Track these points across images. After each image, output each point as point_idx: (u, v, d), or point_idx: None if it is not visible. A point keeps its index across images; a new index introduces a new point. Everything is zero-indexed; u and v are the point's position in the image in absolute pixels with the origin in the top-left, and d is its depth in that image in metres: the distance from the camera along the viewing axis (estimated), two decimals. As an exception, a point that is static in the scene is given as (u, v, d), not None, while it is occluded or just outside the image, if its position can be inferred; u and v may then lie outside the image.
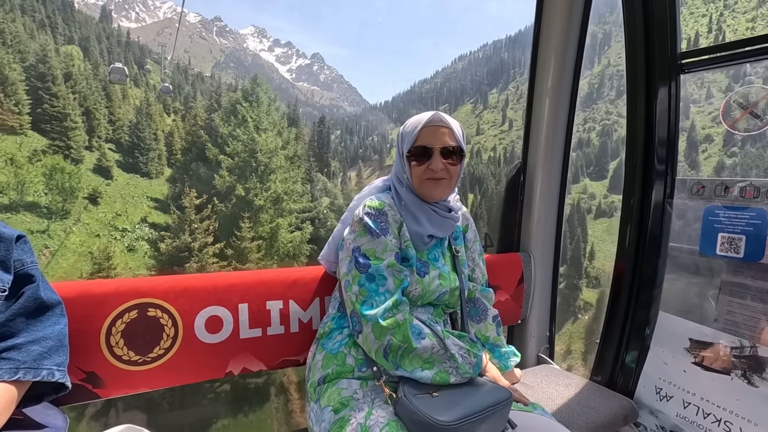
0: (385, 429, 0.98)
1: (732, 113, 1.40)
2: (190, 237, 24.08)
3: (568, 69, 1.86)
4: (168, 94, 58.05)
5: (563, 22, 1.78)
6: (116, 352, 1.15)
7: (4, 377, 0.84)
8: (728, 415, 1.37)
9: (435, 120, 1.20)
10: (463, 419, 0.97)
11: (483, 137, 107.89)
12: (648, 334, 1.63)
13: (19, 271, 0.93)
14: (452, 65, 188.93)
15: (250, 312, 1.32)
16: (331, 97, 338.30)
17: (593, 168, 72.82)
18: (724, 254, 1.42)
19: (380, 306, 1.08)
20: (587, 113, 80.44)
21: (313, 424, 1.12)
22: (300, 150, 35.09)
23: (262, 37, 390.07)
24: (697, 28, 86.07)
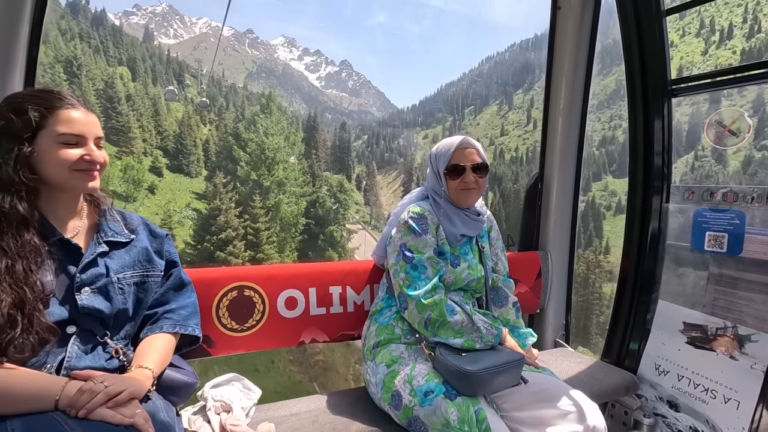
0: (426, 377, 1.32)
1: (714, 131, 1.67)
2: (219, 202, 35.74)
3: (579, 89, 2.16)
4: (205, 109, 62.91)
5: (573, 45, 2.08)
6: (223, 322, 1.55)
7: (169, 330, 1.23)
8: (714, 385, 1.62)
9: (464, 143, 1.54)
10: (485, 370, 1.29)
11: (507, 138, 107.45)
12: (649, 319, 1.90)
13: (168, 259, 1.33)
14: (479, 67, 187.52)
15: (317, 294, 1.69)
16: (360, 103, 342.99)
17: (616, 165, 72.95)
18: (711, 249, 1.68)
19: (422, 289, 1.42)
20: (614, 110, 78.74)
21: (370, 377, 1.47)
22: (302, 149, 51.02)
23: (292, 47, 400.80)
24: (732, 18, 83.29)
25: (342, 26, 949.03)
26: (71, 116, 1.04)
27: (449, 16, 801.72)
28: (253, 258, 34.39)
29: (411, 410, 1.29)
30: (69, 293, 1.06)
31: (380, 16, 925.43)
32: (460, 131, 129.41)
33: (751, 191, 1.57)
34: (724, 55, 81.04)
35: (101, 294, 1.10)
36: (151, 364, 1.09)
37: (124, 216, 1.26)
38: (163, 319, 1.25)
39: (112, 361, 1.11)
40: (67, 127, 1.03)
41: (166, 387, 1.19)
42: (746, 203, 1.59)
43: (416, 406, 1.28)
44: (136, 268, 1.19)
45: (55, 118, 1.03)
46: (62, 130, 1.03)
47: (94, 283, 1.09)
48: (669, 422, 1.74)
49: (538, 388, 1.37)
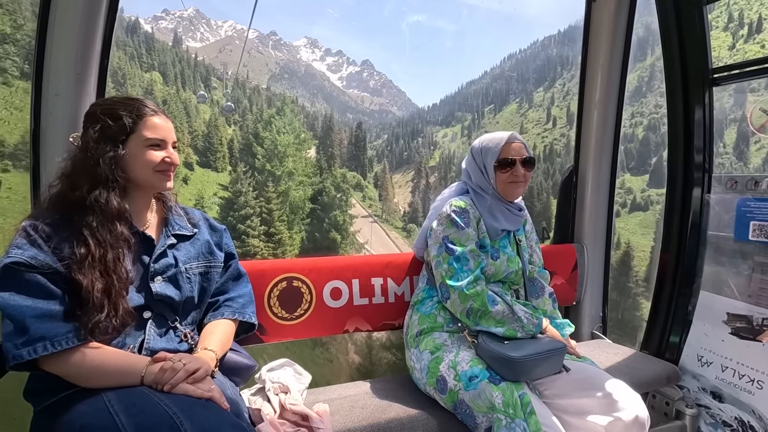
0: (470, 363, 1.37)
1: (758, 119, 1.65)
2: (240, 186, 45.38)
3: (614, 83, 2.15)
4: (230, 113, 67.85)
5: (608, 38, 2.08)
6: (274, 311, 1.64)
7: (229, 316, 1.33)
8: (761, 375, 1.61)
9: (513, 137, 1.58)
10: (528, 356, 1.33)
11: (526, 136, 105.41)
12: (690, 310, 1.89)
13: (226, 251, 1.43)
14: (500, 65, 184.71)
15: (360, 285, 1.77)
16: (381, 102, 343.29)
17: (634, 163, 72.23)
18: (756, 239, 1.66)
19: (464, 280, 1.46)
20: (635, 107, 77.03)
21: (414, 363, 1.53)
22: (311, 146, 63.72)
23: (314, 48, 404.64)
24: (761, 11, 79.92)
25: (363, 25, 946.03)
26: (156, 123, 1.16)
27: (482, 15, 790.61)
28: (267, 232, 44.51)
29: (456, 394, 1.34)
30: (144, 281, 1.16)
31: (402, 15, 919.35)
32: (479, 130, 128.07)
33: (799, 180, 1.55)
34: (753, 50, 77.69)
35: (171, 283, 1.20)
36: (214, 346, 1.19)
37: (186, 211, 1.36)
38: (223, 306, 1.35)
39: (182, 344, 1.21)
40: (153, 132, 1.15)
41: (229, 368, 1.29)
42: (793, 192, 1.56)
43: (461, 390, 1.33)
44: (200, 260, 1.29)
45: (144, 124, 1.14)
46: (149, 135, 1.14)
47: (165, 272, 1.19)
48: (713, 413, 1.73)
49: (580, 376, 1.40)
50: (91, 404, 0.94)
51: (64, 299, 1.00)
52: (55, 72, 1.33)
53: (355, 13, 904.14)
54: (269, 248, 44.78)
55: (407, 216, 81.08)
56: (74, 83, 1.35)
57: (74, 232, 1.04)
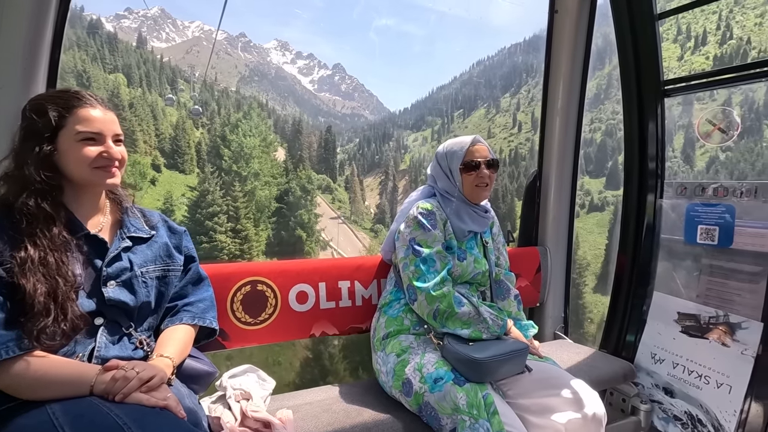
0: (435, 365, 1.38)
1: (705, 128, 1.75)
2: (207, 185, 47.41)
3: (575, 90, 2.24)
4: (197, 116, 67.70)
5: (570, 48, 2.16)
6: (237, 315, 1.60)
7: (188, 322, 1.28)
8: (708, 371, 1.70)
9: (476, 140, 1.61)
10: (492, 357, 1.35)
11: (493, 140, 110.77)
12: (645, 310, 1.97)
13: (186, 254, 1.38)
14: (469, 71, 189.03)
15: (327, 289, 1.75)
16: (352, 106, 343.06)
17: (593, 166, 77.85)
18: (703, 242, 1.76)
19: (431, 281, 1.47)
20: (594, 114, 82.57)
21: (380, 367, 1.53)
22: (275, 147, 67.12)
23: (285, 50, 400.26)
24: (706, 25, 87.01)
25: (335, 29, 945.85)
26: (90, 115, 1.08)
27: (449, 21, 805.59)
28: (234, 229, 46.95)
29: (421, 396, 1.35)
30: (96, 286, 1.10)
31: (375, 19, 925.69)
32: (449, 134, 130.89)
33: (740, 186, 1.65)
34: (698, 61, 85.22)
35: (126, 287, 1.14)
36: (170, 353, 1.14)
37: (144, 213, 1.30)
38: (182, 311, 1.30)
39: (137, 351, 1.15)
40: (86, 125, 1.07)
41: (188, 376, 1.24)
42: (736, 197, 1.67)
43: (426, 392, 1.33)
44: (158, 263, 1.24)
45: (74, 117, 1.06)
46: (81, 128, 1.06)
47: (119, 276, 1.13)
48: (665, 408, 1.81)
49: (542, 376, 1.44)
50: (33, 417, 0.89)
51: (5, 306, 0.94)
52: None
53: (325, 16, 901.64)
54: (236, 243, 47.24)
55: (376, 218, 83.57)
56: (21, 76, 1.27)
57: (13, 235, 0.98)
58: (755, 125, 64.54)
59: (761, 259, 1.58)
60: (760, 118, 64.44)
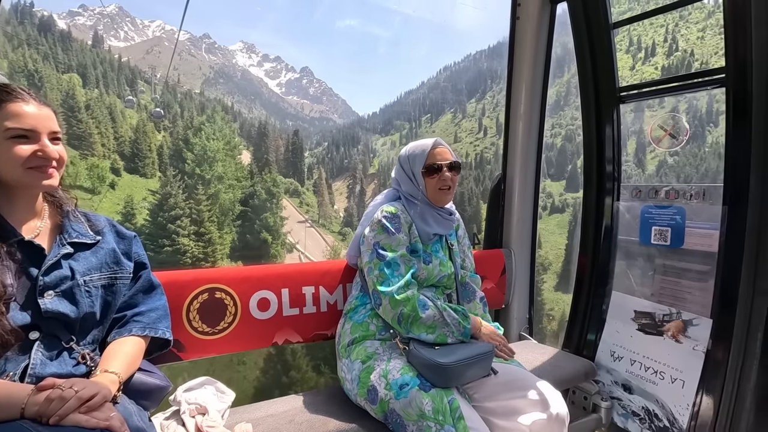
0: (401, 370, 1.35)
1: (657, 134, 1.83)
2: (170, 188, 47.94)
3: (537, 96, 2.29)
4: (160, 119, 66.06)
5: (531, 54, 2.21)
6: (194, 325, 1.52)
7: (138, 333, 1.20)
8: (662, 367, 1.76)
9: (438, 143, 1.60)
10: (457, 362, 1.34)
11: (460, 144, 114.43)
12: (605, 309, 2.03)
13: (136, 261, 1.29)
14: (437, 76, 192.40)
15: (290, 295, 1.69)
16: (321, 110, 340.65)
17: (554, 170, 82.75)
18: (657, 243, 1.83)
19: (395, 285, 1.45)
20: (554, 119, 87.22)
21: (345, 374, 1.49)
22: (240, 150, 66.84)
23: (251, 53, 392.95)
24: (655, 37, 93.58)
25: (302, 32, 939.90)
26: (21, 110, 0.99)
27: (414, 24, 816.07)
28: (197, 232, 47.67)
29: (387, 403, 1.32)
30: (31, 297, 1.01)
31: (342, 23, 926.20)
32: (416, 138, 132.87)
33: (690, 189, 1.73)
34: (648, 71, 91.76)
35: (66, 297, 1.06)
36: (117, 368, 1.06)
37: (88, 217, 1.22)
38: (131, 322, 1.22)
39: (78, 367, 1.07)
40: (16, 121, 0.98)
41: (137, 391, 1.16)
42: (686, 200, 1.75)
43: (392, 399, 1.31)
44: (104, 270, 1.16)
45: (3, 113, 0.97)
46: (10, 124, 0.97)
47: (58, 286, 1.05)
48: (624, 404, 1.87)
49: (507, 378, 1.44)
50: (-48, 445, 0.80)
51: None
52: None
53: (292, 18, 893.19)
54: (199, 246, 47.77)
55: (344, 221, 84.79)
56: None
57: None
58: (699, 131, 69.59)
59: (709, 259, 1.65)
60: (703, 124, 69.38)
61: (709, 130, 71.22)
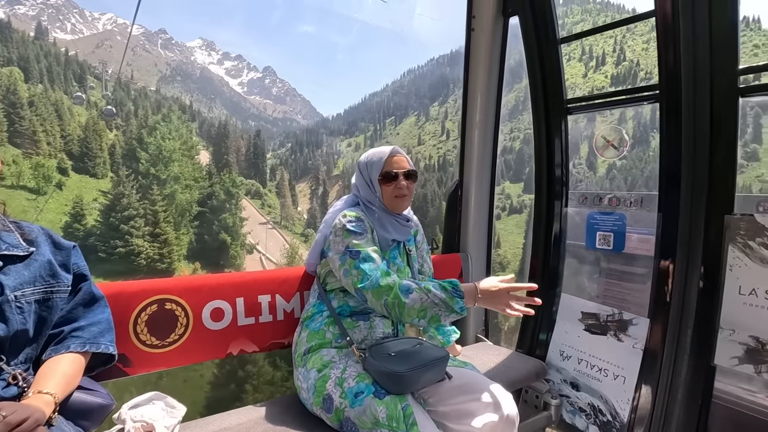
0: (357, 378, 1.36)
1: (601, 144, 1.94)
2: (123, 188, 47.08)
3: (492, 104, 2.36)
4: (111, 117, 62.52)
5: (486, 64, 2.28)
6: (141, 338, 1.46)
7: (77, 349, 1.14)
8: (606, 365, 1.87)
9: (394, 151, 1.62)
10: (412, 369, 1.35)
11: (423, 147, 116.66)
12: (555, 311, 2.12)
13: (76, 272, 1.23)
14: (401, 79, 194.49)
15: (245, 304, 1.66)
16: (284, 110, 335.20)
17: (512, 172, 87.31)
18: (601, 247, 1.94)
19: (374, 275, 1.43)
20: (513, 123, 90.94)
21: (301, 383, 1.47)
22: (198, 151, 66.28)
23: (211, 50, 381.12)
24: (605, 47, 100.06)
25: (265, 32, 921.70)
26: None
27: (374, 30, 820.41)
28: (152, 233, 46.30)
29: (342, 412, 1.32)
30: None
31: (306, 23, 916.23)
32: (381, 140, 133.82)
33: (629, 196, 1.85)
34: (599, 78, 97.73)
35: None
36: (52, 388, 1.00)
37: (20, 227, 1.15)
38: (70, 338, 1.15)
39: (9, 388, 1.00)
40: None
41: (76, 411, 1.10)
42: (626, 207, 1.86)
43: (347, 407, 1.31)
44: (38, 284, 1.09)
45: None
46: None
47: None
48: (572, 401, 1.96)
49: (461, 382, 1.47)
50: None
51: None
52: None
53: (253, 16, 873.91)
54: (155, 248, 46.23)
55: (306, 222, 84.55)
56: None
57: None
58: (644, 137, 74.53)
59: (647, 262, 1.77)
60: (647, 131, 74.28)
61: (653, 135, 76.33)
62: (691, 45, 1.57)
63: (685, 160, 1.61)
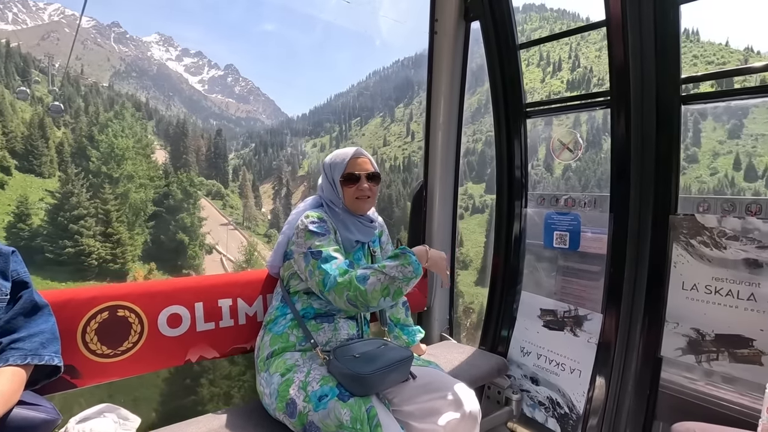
0: (320, 381, 1.34)
1: (557, 147, 2.02)
2: (72, 186, 44.97)
3: (455, 107, 2.41)
4: (59, 114, 58.43)
5: (448, 67, 2.32)
6: (91, 347, 1.38)
7: (17, 362, 1.06)
8: (563, 359, 1.94)
9: (357, 153, 1.62)
10: (377, 370, 1.35)
11: (389, 148, 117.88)
12: (515, 308, 2.19)
13: (15, 279, 1.15)
14: (366, 80, 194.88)
15: (205, 309, 1.60)
16: (248, 110, 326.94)
17: (475, 173, 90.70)
18: (558, 246, 2.02)
19: (333, 274, 1.41)
20: (476, 126, 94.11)
21: (264, 389, 1.44)
22: (153, 149, 64.89)
23: (169, 46, 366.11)
24: (561, 54, 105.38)
25: (226, 29, 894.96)
26: None
27: (338, 30, 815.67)
28: (104, 232, 44.94)
29: (306, 416, 1.30)
30: None
31: (268, 21, 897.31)
32: (347, 141, 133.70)
33: (584, 198, 1.94)
34: (556, 84, 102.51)
35: None
36: None
37: None
38: (9, 350, 1.08)
39: (-61, 407, 0.92)
40: None
41: (17, 428, 1.03)
42: (581, 207, 1.95)
43: (311, 411, 1.29)
44: None
45: None
46: None
47: None
48: (532, 395, 2.03)
49: (425, 381, 1.48)
50: None
51: None
52: None
53: (213, 12, 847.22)
54: (107, 248, 44.81)
55: (269, 222, 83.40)
56: None
57: None
58: (597, 139, 78.86)
59: (600, 260, 1.86)
60: (600, 134, 78.46)
61: (604, 138, 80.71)
62: (638, 54, 1.66)
63: (634, 164, 1.70)
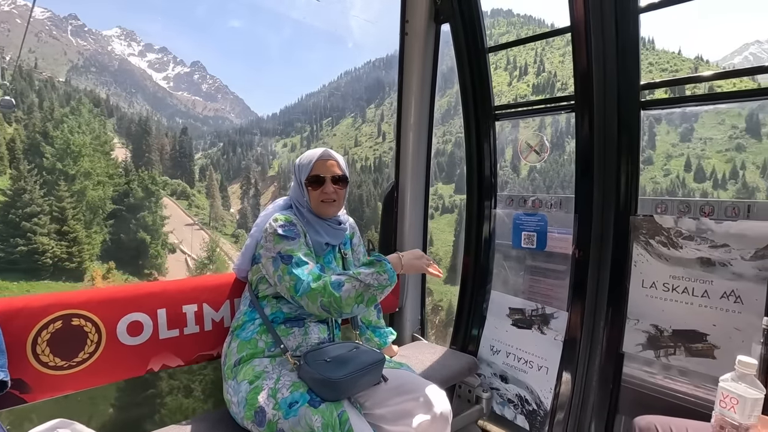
0: (291, 388, 1.31)
1: (525, 149, 2.07)
2: (24, 183, 43.34)
3: (425, 108, 2.41)
4: (10, 110, 54.69)
5: (419, 68, 2.33)
6: (42, 360, 1.29)
7: (-43, 378, 0.98)
8: (531, 356, 1.99)
9: (325, 155, 1.59)
10: (348, 375, 1.34)
11: (360, 148, 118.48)
12: (485, 307, 2.22)
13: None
14: (338, 80, 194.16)
15: (168, 315, 1.54)
16: (216, 108, 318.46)
17: (444, 173, 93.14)
18: (526, 246, 2.06)
19: (306, 280, 1.39)
20: (446, 127, 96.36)
21: (231, 397, 1.40)
22: (113, 146, 63.00)
23: (131, 41, 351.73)
24: (527, 59, 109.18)
25: (191, 24, 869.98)
26: None
27: (308, 29, 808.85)
28: (59, 230, 42.99)
29: (275, 424, 1.27)
30: None
31: (235, 20, 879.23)
32: (318, 141, 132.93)
33: (550, 199, 1.99)
34: (522, 87, 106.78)
35: None
36: None
37: None
38: None
39: None
40: None
41: (-43, 451, 0.95)
42: (548, 208, 2.00)
43: (280, 419, 1.26)
44: None
45: None
46: None
47: None
48: (501, 393, 2.06)
49: (397, 383, 1.47)
50: None
51: None
52: None
53: (177, 6, 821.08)
54: (62, 246, 43.20)
55: (237, 222, 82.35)
56: None
57: None
58: (560, 142, 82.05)
59: (565, 260, 1.91)
60: (563, 136, 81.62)
61: (567, 141, 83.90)
62: (601, 60, 1.72)
63: (597, 166, 1.76)
